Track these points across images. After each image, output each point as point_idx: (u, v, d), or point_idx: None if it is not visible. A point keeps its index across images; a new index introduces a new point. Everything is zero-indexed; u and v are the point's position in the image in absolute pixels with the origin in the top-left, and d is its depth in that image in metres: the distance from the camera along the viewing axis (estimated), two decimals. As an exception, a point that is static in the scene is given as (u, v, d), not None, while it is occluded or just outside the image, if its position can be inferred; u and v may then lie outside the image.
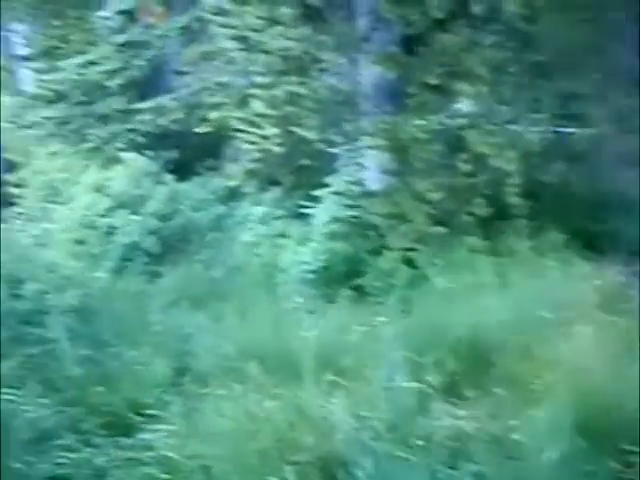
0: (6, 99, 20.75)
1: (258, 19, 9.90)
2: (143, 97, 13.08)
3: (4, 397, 5.79)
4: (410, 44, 9.41)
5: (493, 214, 9.01)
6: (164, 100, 12.52)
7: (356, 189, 9.55)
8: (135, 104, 12.99)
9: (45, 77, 14.96)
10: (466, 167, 9.04)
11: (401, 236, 8.98)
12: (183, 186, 11.21)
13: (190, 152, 12.43)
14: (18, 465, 5.09)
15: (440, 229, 8.95)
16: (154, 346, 6.87)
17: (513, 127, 9.24)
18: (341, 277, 8.77)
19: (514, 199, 8.81)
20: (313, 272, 8.90)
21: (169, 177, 11.19)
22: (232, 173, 11.32)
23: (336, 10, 9.70)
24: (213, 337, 7.14)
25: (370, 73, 9.64)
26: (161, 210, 10.61)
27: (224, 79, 11.50)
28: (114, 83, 13.47)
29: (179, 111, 12.25)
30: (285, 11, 9.60)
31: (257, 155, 10.63)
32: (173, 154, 12.31)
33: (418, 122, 9.11)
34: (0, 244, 8.21)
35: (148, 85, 13.50)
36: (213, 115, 11.20)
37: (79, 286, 7.99)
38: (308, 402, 5.42)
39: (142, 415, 5.82)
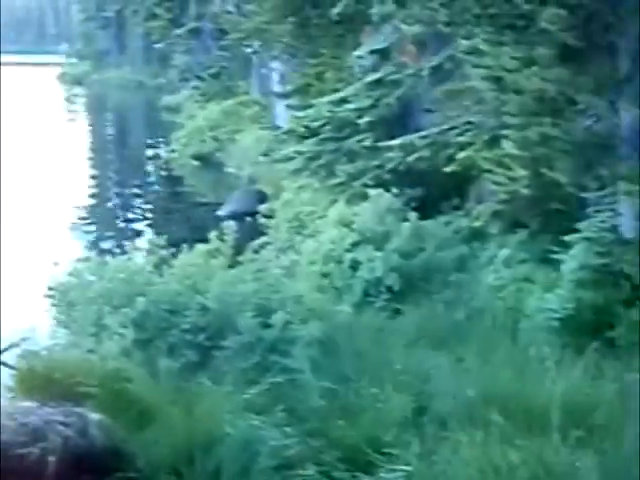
0: (261, 133, 21.89)
1: (513, 59, 9.74)
2: (391, 135, 13.25)
3: (250, 423, 5.98)
4: (677, 86, 8.92)
5: None
6: (412, 138, 12.60)
7: (609, 236, 9.11)
8: (383, 141, 13.18)
9: (298, 113, 15.57)
10: None
11: (657, 288, 8.46)
12: (427, 224, 11.19)
13: (435, 190, 12.43)
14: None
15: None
16: (394, 384, 6.86)
17: None
18: (590, 328, 8.37)
19: None
20: (559, 320, 8.57)
21: (413, 215, 11.21)
22: (477, 213, 11.19)
23: (596, 50, 9.37)
24: (453, 379, 7.03)
25: (630, 115, 9.21)
26: (404, 247, 10.63)
27: (474, 119, 11.43)
28: (364, 120, 13.77)
29: (426, 149, 12.28)
30: (542, 52, 9.38)
31: (504, 196, 10.43)
32: (418, 192, 12.36)
33: (681, 168, 8.58)
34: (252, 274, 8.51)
35: (397, 123, 13.69)
36: (461, 154, 11.13)
37: (323, 318, 8.13)
38: (554, 457, 5.19)
39: (381, 453, 5.81)
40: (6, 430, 5.26)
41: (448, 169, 11.36)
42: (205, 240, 9.03)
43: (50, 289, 8.23)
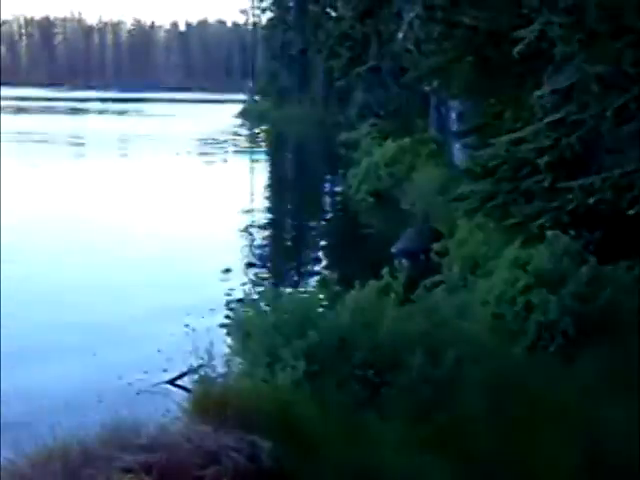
0: (437, 171, 21.91)
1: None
2: (571, 176, 12.94)
3: (417, 461, 5.97)
4: None
5: None
6: (593, 179, 12.26)
7: None
8: (562, 182, 12.89)
9: (475, 152, 15.48)
10: None
11: None
12: (606, 269, 10.81)
13: (616, 234, 12.02)
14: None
15: None
16: (567, 431, 6.69)
17: None
18: None
19: None
20: None
21: (592, 258, 10.86)
22: (661, 259, 10.75)
23: None
24: (631, 431, 6.78)
25: None
26: (581, 291, 10.31)
27: (660, 160, 11.02)
28: (543, 161, 13.51)
29: (608, 191, 11.91)
30: None
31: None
32: (597, 235, 11.98)
33: None
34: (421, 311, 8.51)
35: (577, 164, 13.35)
36: (645, 197, 10.75)
37: (494, 359, 8.03)
38: None
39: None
40: (183, 452, 5.48)
41: (631, 212, 10.98)
42: (378, 276, 9.12)
43: (227, 318, 8.53)
